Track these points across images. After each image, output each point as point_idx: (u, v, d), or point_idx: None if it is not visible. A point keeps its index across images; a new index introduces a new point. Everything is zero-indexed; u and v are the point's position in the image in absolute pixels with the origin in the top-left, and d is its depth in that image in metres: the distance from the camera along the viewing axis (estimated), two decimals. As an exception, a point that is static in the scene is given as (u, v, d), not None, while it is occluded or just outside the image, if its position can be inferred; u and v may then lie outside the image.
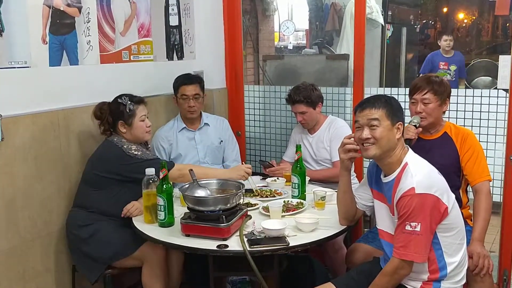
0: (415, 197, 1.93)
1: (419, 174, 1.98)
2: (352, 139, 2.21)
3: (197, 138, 3.43)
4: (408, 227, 1.94)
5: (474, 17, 11.92)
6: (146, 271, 2.63)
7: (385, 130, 2.04)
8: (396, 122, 2.07)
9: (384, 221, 2.18)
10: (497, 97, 3.14)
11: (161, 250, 2.67)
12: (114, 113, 2.74)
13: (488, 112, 3.19)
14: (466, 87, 6.35)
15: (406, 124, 2.42)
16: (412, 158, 2.08)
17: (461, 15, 12.05)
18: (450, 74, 6.27)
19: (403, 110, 2.17)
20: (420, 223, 1.92)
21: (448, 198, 2.01)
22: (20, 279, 2.65)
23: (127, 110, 2.73)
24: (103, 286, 2.70)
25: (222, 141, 3.51)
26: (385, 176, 2.13)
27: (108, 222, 2.69)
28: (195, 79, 3.40)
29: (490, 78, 7.37)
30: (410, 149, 2.13)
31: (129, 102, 2.75)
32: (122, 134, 2.75)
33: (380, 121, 2.04)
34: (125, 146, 2.68)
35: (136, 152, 2.66)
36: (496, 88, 3.25)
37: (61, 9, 2.75)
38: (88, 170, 2.74)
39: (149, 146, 3.00)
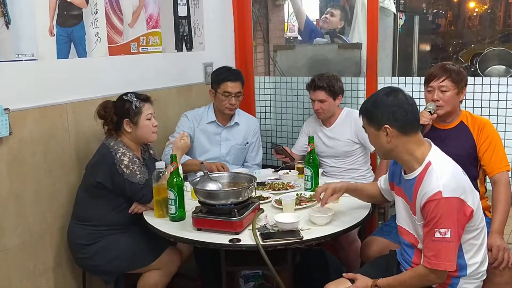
0: (442, 201, 1.86)
1: (444, 176, 1.90)
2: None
3: (223, 135, 3.34)
4: (437, 234, 1.87)
5: (485, 6, 11.80)
6: (157, 277, 2.59)
7: None
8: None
9: (404, 218, 2.12)
10: (516, 85, 3.07)
11: (178, 258, 2.64)
12: (119, 111, 2.61)
13: (506, 100, 3.11)
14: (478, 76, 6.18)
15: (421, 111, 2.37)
16: (435, 157, 1.98)
17: (472, 4, 11.94)
18: None
19: (414, 100, 2.06)
20: (450, 229, 1.85)
21: (473, 199, 1.94)
22: (30, 275, 2.63)
23: (133, 108, 2.60)
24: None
25: (247, 143, 3.43)
26: (405, 173, 2.07)
27: (116, 235, 2.59)
28: (239, 76, 3.27)
29: (504, 67, 7.26)
30: (433, 146, 2.04)
31: (135, 99, 2.62)
32: (126, 134, 2.63)
33: None
34: (118, 155, 2.51)
35: (125, 169, 2.49)
36: (513, 76, 3.18)
37: (68, 0, 2.70)
38: (86, 177, 2.63)
39: (152, 151, 2.85)
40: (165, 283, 2.62)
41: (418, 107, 2.07)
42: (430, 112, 2.49)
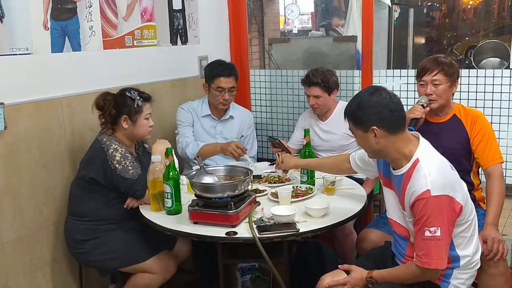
0: (431, 200, 1.85)
1: (432, 174, 1.88)
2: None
3: (218, 128, 3.33)
4: (427, 233, 1.86)
5: (480, -1, 11.83)
6: (148, 280, 2.55)
7: None
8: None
9: (395, 211, 2.12)
10: (510, 77, 3.08)
11: (173, 265, 2.61)
12: (119, 106, 2.57)
13: (501, 92, 3.12)
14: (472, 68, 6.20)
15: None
16: (423, 153, 1.96)
17: (466, -3, 11.96)
18: None
19: (398, 97, 2.02)
20: (439, 227, 1.85)
21: (462, 194, 1.94)
22: (27, 269, 2.63)
23: (135, 106, 2.57)
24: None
25: (242, 136, 3.41)
26: (393, 169, 2.06)
27: (113, 232, 2.58)
28: (232, 71, 3.22)
29: (499, 59, 7.28)
30: (421, 140, 2.02)
31: (138, 98, 2.59)
32: (122, 130, 2.59)
33: None
34: (110, 151, 2.48)
35: (117, 165, 2.47)
36: (508, 68, 3.19)
37: (62, -7, 2.69)
38: (79, 172, 2.62)
39: (147, 145, 2.81)
40: (156, 286, 2.59)
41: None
42: (422, 105, 2.49)
